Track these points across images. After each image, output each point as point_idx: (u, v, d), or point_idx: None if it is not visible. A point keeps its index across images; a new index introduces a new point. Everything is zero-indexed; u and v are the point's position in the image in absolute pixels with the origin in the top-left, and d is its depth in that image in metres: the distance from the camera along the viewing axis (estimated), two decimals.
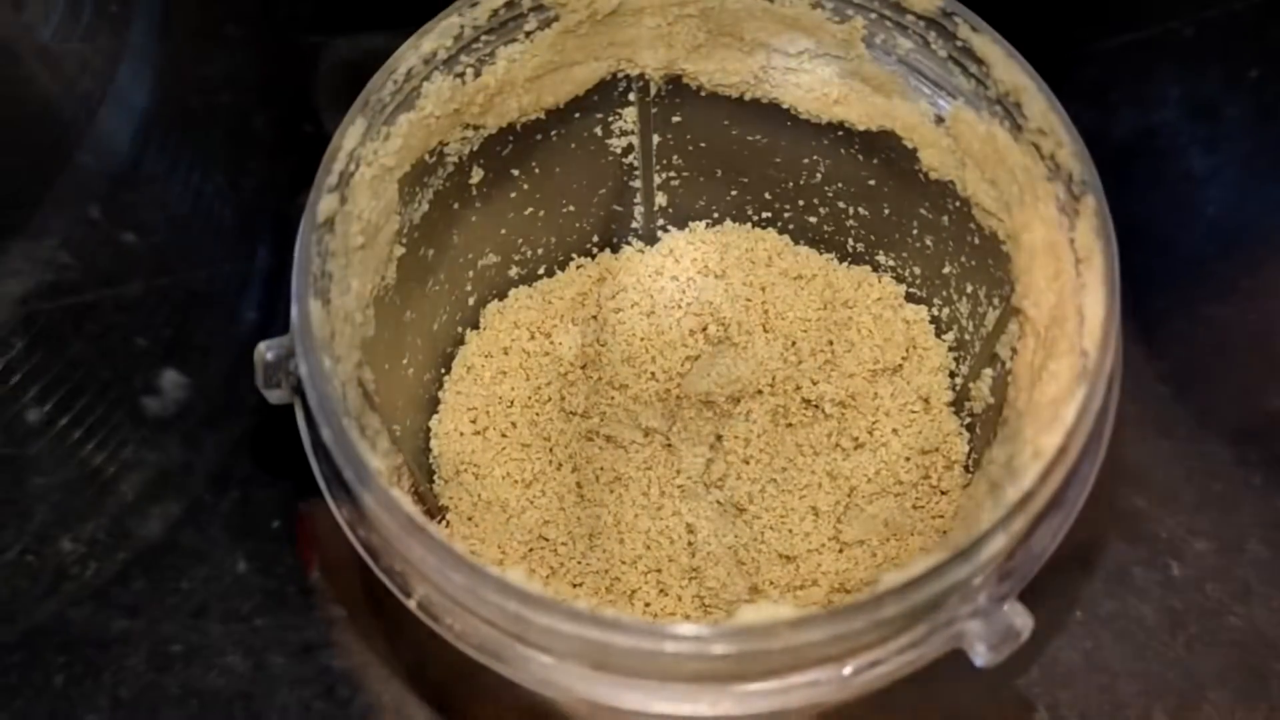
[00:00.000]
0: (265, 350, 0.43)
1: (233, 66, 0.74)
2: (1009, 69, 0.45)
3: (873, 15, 0.49)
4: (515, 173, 0.55)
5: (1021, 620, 0.39)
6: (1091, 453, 0.42)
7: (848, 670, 0.39)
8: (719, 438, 0.55)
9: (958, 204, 0.51)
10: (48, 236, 0.68)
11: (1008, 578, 0.40)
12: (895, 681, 0.45)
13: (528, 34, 0.50)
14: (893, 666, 0.40)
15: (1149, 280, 0.65)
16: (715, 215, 0.60)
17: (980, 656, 0.39)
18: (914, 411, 0.55)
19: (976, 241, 0.51)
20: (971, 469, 0.54)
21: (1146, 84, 0.72)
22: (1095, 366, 0.40)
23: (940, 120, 0.49)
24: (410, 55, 0.47)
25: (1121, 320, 0.63)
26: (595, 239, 0.60)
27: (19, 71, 0.74)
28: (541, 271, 0.60)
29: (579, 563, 0.53)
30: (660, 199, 0.59)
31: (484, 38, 0.49)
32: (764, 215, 0.60)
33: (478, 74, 0.49)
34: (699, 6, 0.51)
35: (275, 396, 0.44)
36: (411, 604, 0.41)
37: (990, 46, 0.46)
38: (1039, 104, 0.44)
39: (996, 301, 0.51)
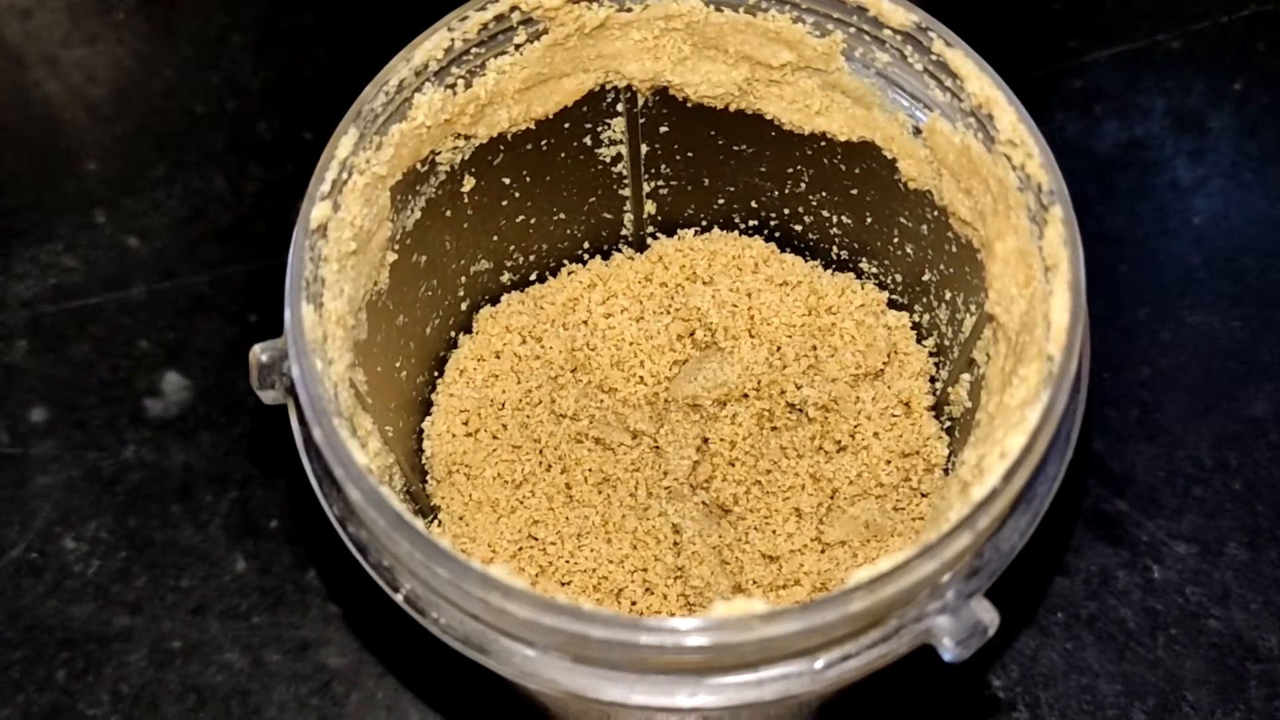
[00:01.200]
0: (260, 352, 0.44)
1: (236, 74, 0.75)
2: (981, 82, 0.46)
3: (851, 29, 0.50)
4: (507, 181, 0.56)
5: (988, 616, 0.40)
6: (1058, 453, 0.43)
7: (819, 664, 0.40)
8: (705, 440, 0.56)
9: (936, 213, 0.52)
10: (53, 240, 0.70)
11: (975, 574, 0.41)
12: (877, 680, 0.46)
13: (517, 47, 0.51)
14: (864, 661, 0.40)
15: (1134, 288, 0.66)
16: (703, 223, 0.61)
17: (948, 651, 0.40)
18: (895, 415, 0.56)
19: (954, 250, 0.52)
20: (951, 472, 0.55)
21: (1133, 95, 0.72)
22: (1060, 371, 0.41)
23: (918, 131, 0.50)
24: (401, 67, 0.48)
25: (1107, 326, 0.64)
26: (586, 245, 0.61)
27: (26, 78, 0.75)
28: (533, 277, 0.61)
29: (567, 562, 0.54)
30: (649, 207, 0.60)
31: (474, 50, 0.50)
32: (750, 223, 0.61)
33: (468, 85, 0.50)
34: (684, 20, 0.52)
35: (269, 397, 0.45)
36: (398, 598, 0.42)
37: (963, 61, 0.47)
38: (1009, 116, 0.45)
39: (973, 308, 0.52)
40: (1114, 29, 0.75)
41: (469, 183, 0.54)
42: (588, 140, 0.56)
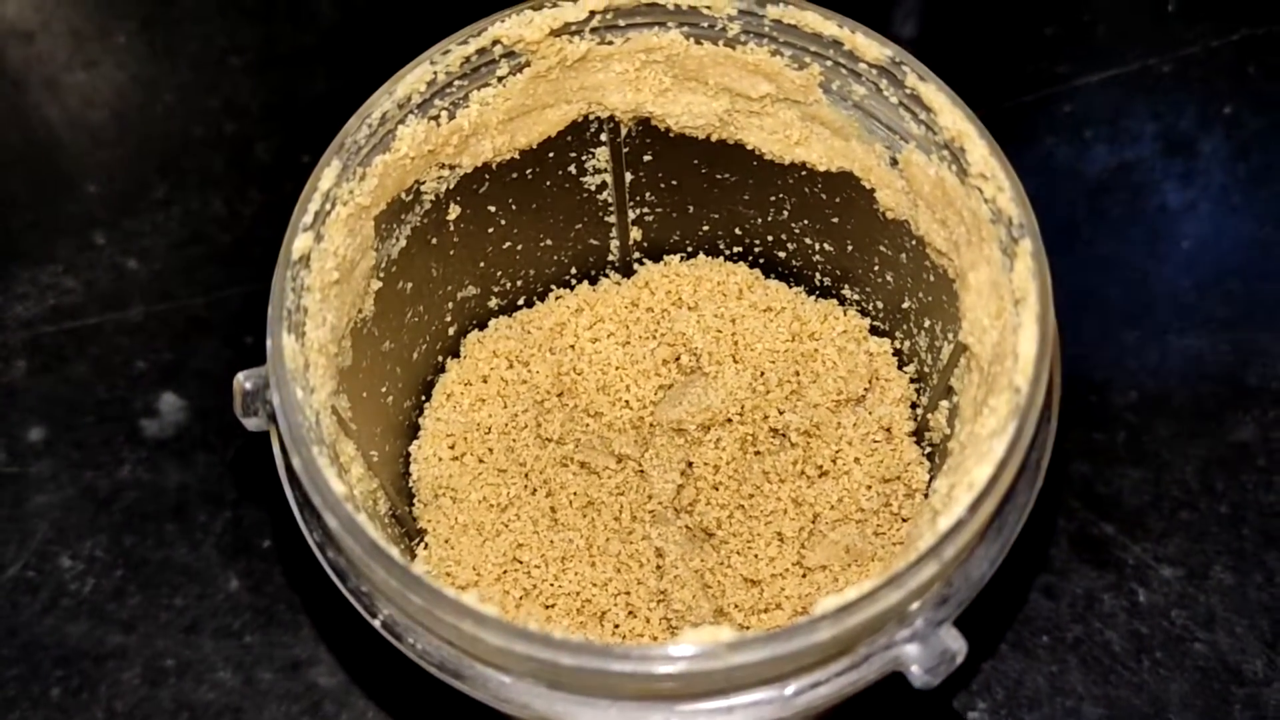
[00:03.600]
0: (244, 380, 0.45)
1: (235, 97, 0.76)
2: (953, 116, 0.47)
3: (828, 63, 0.50)
4: (492, 209, 0.56)
5: (956, 644, 0.40)
6: (1027, 483, 0.43)
7: (790, 690, 0.41)
8: (689, 464, 0.56)
9: (913, 242, 0.52)
10: (52, 261, 0.70)
11: (944, 603, 0.41)
12: (860, 703, 0.46)
13: (500, 79, 0.51)
14: (834, 687, 0.41)
15: (1123, 311, 0.67)
16: (689, 249, 0.62)
17: (917, 679, 0.40)
18: (876, 441, 0.56)
19: (931, 279, 0.53)
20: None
21: (1123, 119, 0.73)
22: (1027, 403, 0.41)
23: (894, 163, 0.51)
24: (384, 100, 0.48)
25: (1095, 349, 0.64)
26: (573, 271, 0.62)
27: (28, 101, 0.76)
28: (521, 302, 0.61)
29: (551, 585, 0.54)
30: (635, 233, 0.61)
31: (457, 82, 0.50)
32: (735, 250, 0.61)
33: (452, 117, 0.51)
34: (664, 53, 0.52)
35: (252, 424, 0.45)
36: (376, 623, 0.43)
37: (935, 94, 0.47)
38: (980, 149, 0.46)
39: (950, 337, 0.53)
40: (1105, 53, 0.75)
41: (454, 211, 0.54)
42: (572, 169, 0.57)
